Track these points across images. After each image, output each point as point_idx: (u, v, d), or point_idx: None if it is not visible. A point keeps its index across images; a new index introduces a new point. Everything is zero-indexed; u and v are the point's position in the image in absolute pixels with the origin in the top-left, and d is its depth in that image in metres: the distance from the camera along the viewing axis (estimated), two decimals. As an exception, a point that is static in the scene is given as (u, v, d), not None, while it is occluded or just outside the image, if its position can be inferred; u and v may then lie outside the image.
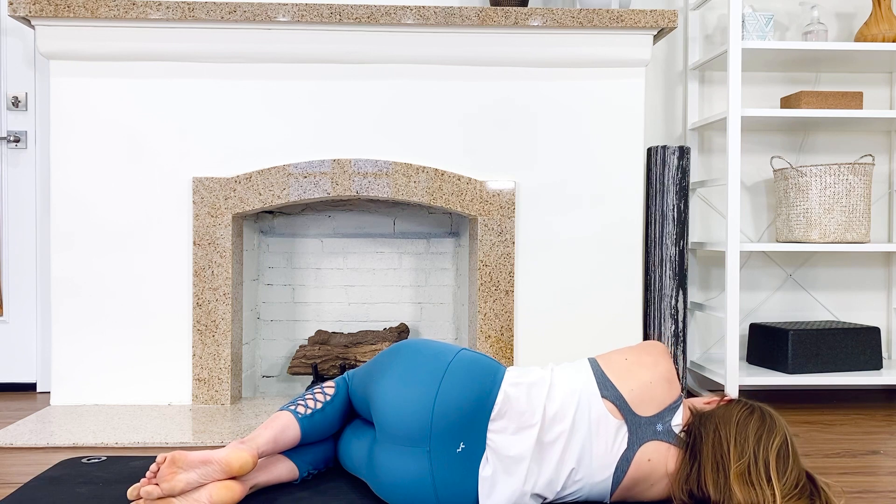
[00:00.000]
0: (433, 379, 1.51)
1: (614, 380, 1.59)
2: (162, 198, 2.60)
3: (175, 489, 1.44)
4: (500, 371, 1.59)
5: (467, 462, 1.49)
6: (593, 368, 1.62)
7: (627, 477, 1.53)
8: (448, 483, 1.48)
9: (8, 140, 2.85)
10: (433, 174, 2.62)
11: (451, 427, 1.48)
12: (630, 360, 1.63)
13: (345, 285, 2.95)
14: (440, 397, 1.49)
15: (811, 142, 3.03)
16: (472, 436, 1.50)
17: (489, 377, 1.55)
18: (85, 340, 2.59)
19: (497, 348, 2.63)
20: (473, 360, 1.57)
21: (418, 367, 1.55)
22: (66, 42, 2.55)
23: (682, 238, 2.73)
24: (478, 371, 1.55)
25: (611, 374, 1.61)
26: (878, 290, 3.05)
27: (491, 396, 1.52)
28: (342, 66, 2.62)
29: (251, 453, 1.51)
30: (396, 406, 1.51)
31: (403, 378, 1.54)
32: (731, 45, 2.58)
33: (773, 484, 1.42)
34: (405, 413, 1.49)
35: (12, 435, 2.19)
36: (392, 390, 1.53)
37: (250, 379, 2.86)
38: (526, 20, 2.55)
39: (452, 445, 1.48)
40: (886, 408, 2.69)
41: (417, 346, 1.62)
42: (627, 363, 1.63)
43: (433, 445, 1.48)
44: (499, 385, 1.55)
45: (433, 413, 1.48)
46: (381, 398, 1.54)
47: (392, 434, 1.51)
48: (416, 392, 1.50)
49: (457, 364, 1.55)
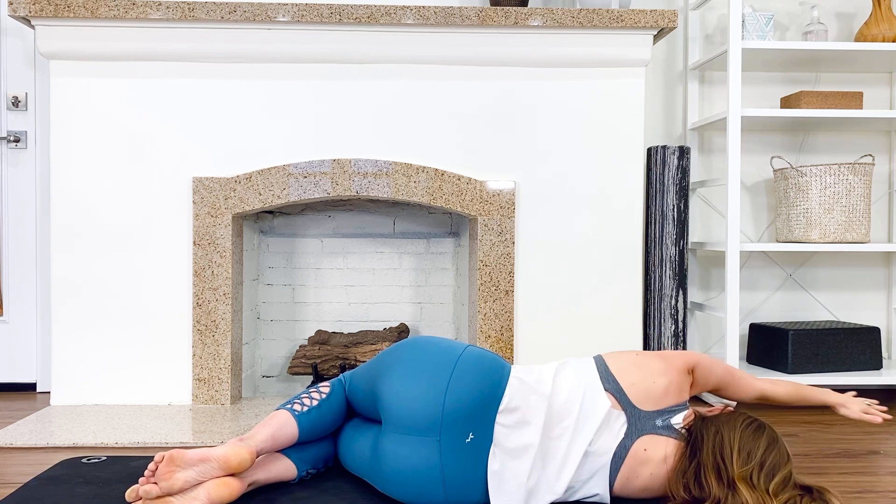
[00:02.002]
0: (444, 370, 1.55)
1: (617, 374, 1.63)
2: (162, 198, 2.60)
3: (173, 487, 1.44)
4: (508, 366, 1.63)
5: (475, 453, 1.52)
6: (597, 364, 1.66)
7: (625, 465, 1.55)
8: (456, 473, 1.50)
9: (8, 140, 2.85)
10: (433, 174, 2.62)
11: (462, 417, 1.51)
12: (639, 360, 1.67)
13: (345, 285, 2.95)
14: (451, 388, 1.52)
15: (811, 142, 3.03)
16: (480, 427, 1.52)
17: (497, 371, 1.59)
18: (85, 340, 2.59)
19: (497, 348, 2.63)
20: (482, 354, 1.62)
21: (429, 359, 1.59)
22: (66, 42, 2.55)
23: (682, 238, 2.73)
24: (487, 364, 1.59)
25: (614, 368, 1.64)
26: (878, 290, 3.05)
27: (500, 389, 1.56)
28: (342, 66, 2.62)
29: (249, 451, 1.52)
30: (408, 397, 1.54)
31: (414, 370, 1.57)
32: (731, 45, 2.58)
33: (772, 492, 1.43)
34: (417, 403, 1.52)
35: (12, 435, 2.19)
36: (403, 382, 1.56)
37: (250, 379, 2.86)
38: (526, 20, 2.55)
39: (462, 436, 1.51)
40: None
41: (426, 340, 1.66)
42: (635, 362, 1.66)
43: (443, 435, 1.50)
44: (507, 379, 1.59)
45: (444, 403, 1.51)
46: (391, 389, 1.57)
47: (402, 424, 1.53)
48: (427, 383, 1.54)
49: (467, 356, 1.59)
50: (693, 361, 1.72)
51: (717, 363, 1.77)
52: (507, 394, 1.56)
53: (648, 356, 1.69)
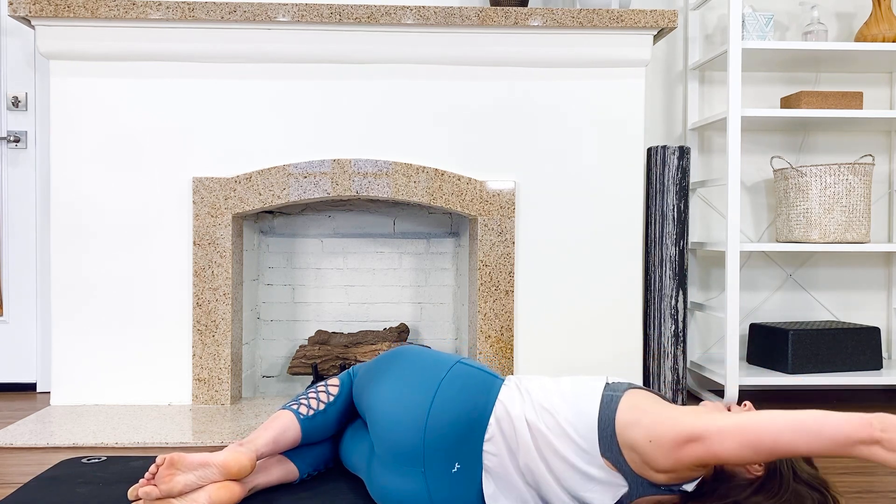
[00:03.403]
0: (425, 398, 1.48)
1: (623, 444, 1.38)
2: (162, 198, 2.60)
3: (173, 490, 1.44)
4: (495, 387, 1.53)
5: (464, 481, 1.47)
6: (601, 424, 1.41)
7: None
8: (446, 499, 1.46)
9: (8, 140, 2.85)
10: (433, 174, 2.62)
11: (445, 448, 1.46)
12: (654, 442, 1.32)
13: (345, 285, 2.95)
14: (431, 419, 1.46)
15: (811, 142, 3.03)
16: (467, 456, 1.47)
17: (483, 395, 1.50)
18: (85, 340, 2.59)
19: (497, 348, 2.63)
20: (467, 377, 1.52)
21: (409, 387, 1.52)
22: (66, 42, 2.55)
23: (682, 238, 2.73)
24: (471, 390, 1.50)
25: (623, 436, 1.37)
26: (878, 290, 3.05)
27: (484, 417, 1.48)
28: (342, 66, 2.62)
29: (249, 457, 1.51)
30: (388, 427, 1.49)
31: (394, 398, 1.51)
32: (731, 45, 2.58)
33: None
34: (397, 434, 1.47)
35: (12, 435, 2.19)
36: (384, 409, 1.51)
37: (250, 379, 2.86)
38: (526, 20, 2.55)
39: (448, 466, 1.46)
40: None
41: (411, 361, 1.58)
42: (651, 444, 1.33)
43: (428, 466, 1.46)
44: (492, 405, 1.49)
45: (425, 435, 1.45)
46: (374, 416, 1.53)
47: (386, 454, 1.49)
48: (407, 413, 1.47)
49: (449, 381, 1.50)
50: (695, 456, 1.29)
51: (727, 437, 1.25)
52: (490, 424, 1.48)
53: (660, 438, 1.32)
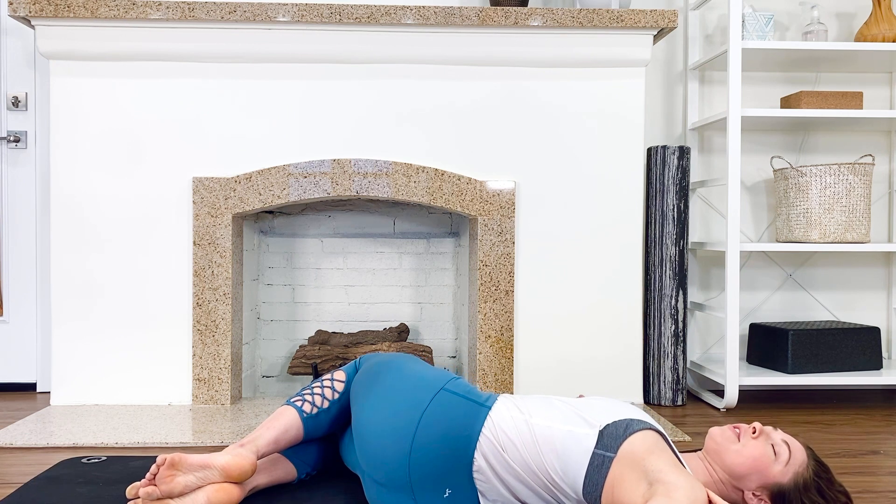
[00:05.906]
0: (407, 432, 1.45)
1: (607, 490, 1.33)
2: (162, 198, 2.60)
3: (173, 491, 1.44)
4: (480, 417, 1.48)
5: (459, 502, 1.46)
6: (586, 488, 1.35)
7: None
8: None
9: (8, 140, 2.85)
10: (433, 174, 2.62)
11: (432, 478, 1.44)
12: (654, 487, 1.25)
13: (345, 285, 2.95)
14: (415, 454, 1.44)
15: (811, 142, 3.03)
16: (457, 483, 1.45)
17: (466, 430, 1.46)
18: (85, 340, 2.59)
19: (497, 348, 2.63)
20: (449, 407, 1.48)
21: (395, 414, 1.48)
22: (66, 42, 2.55)
23: (682, 238, 2.73)
24: (452, 423, 1.46)
25: (612, 479, 1.32)
26: (878, 290, 3.05)
27: (469, 449, 1.45)
28: (342, 65, 2.62)
29: (251, 461, 1.51)
30: (374, 454, 1.47)
31: (378, 429, 1.48)
32: (731, 45, 2.58)
33: None
34: (383, 465, 1.46)
35: (12, 435, 2.19)
36: (368, 436, 1.49)
37: (250, 379, 2.86)
38: (526, 20, 2.55)
39: (439, 491, 1.45)
40: (886, 408, 2.69)
41: (399, 380, 1.55)
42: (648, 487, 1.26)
43: (417, 493, 1.45)
44: (476, 437, 1.45)
45: (409, 469, 1.44)
46: (359, 438, 1.51)
47: (374, 477, 1.48)
48: (390, 448, 1.45)
49: (430, 417, 1.46)
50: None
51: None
52: (476, 458, 1.44)
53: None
